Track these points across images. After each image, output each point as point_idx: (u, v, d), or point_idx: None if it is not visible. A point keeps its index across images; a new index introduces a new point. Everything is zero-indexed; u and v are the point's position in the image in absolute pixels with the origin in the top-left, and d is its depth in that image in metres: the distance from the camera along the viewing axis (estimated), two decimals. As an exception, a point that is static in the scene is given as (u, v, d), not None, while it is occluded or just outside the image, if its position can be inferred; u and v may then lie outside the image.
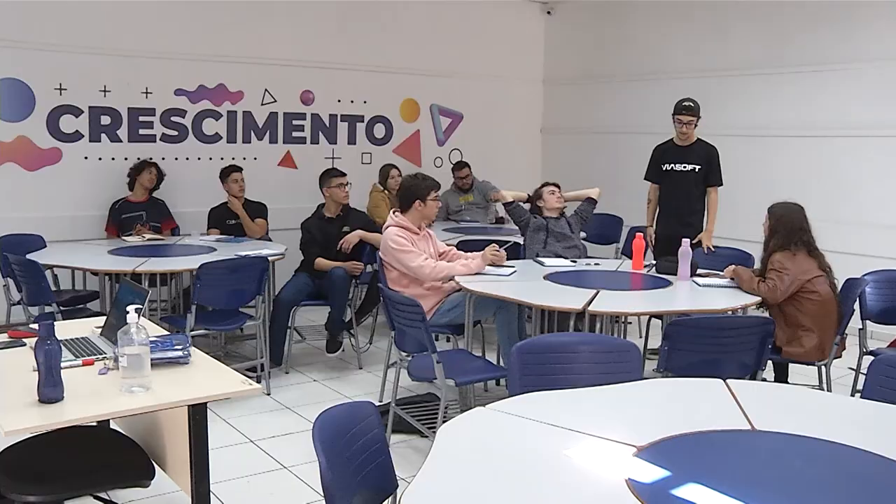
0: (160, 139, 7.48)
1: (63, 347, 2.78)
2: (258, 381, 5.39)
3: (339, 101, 8.47)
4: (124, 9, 7.09)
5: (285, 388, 5.61)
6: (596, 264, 5.61)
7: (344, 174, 6.31)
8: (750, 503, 2.00)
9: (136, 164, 6.97)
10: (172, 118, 7.53)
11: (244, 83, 7.87)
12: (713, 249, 5.99)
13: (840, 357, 4.83)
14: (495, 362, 5.14)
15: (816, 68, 7.39)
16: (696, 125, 6.14)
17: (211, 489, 2.84)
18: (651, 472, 2.18)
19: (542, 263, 5.47)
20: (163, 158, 7.37)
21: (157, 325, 3.92)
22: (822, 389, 4.67)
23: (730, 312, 4.48)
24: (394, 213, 5.30)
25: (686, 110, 6.08)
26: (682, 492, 2.08)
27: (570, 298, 4.39)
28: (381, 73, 8.63)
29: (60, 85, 6.91)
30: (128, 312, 2.67)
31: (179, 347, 3.00)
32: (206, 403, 2.73)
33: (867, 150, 7.14)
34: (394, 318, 4.40)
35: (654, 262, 5.47)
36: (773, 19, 7.72)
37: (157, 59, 7.33)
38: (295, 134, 8.26)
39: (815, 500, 2.11)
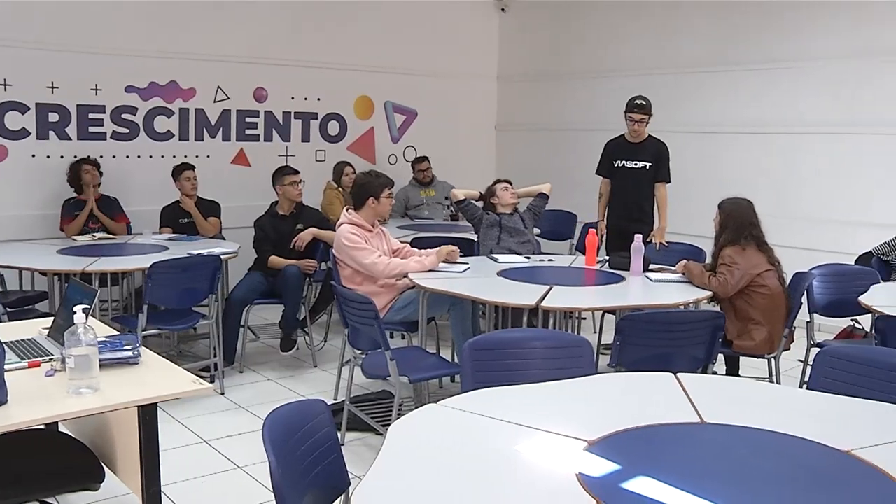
0: (111, 137, 7.36)
1: (8, 349, 2.73)
2: (212, 381, 5.42)
3: (292, 98, 8.42)
4: (72, 3, 6.98)
5: (239, 387, 5.57)
6: (549, 260, 5.65)
7: (297, 172, 6.28)
8: (698, 495, 2.02)
9: (71, 171, 6.79)
10: (123, 115, 7.42)
11: (196, 80, 7.79)
12: (667, 246, 6.06)
13: (789, 350, 4.92)
14: (450, 359, 5.15)
15: (766, 66, 7.51)
16: (647, 123, 6.21)
17: (163, 490, 2.81)
18: (601, 466, 2.19)
19: (495, 260, 5.50)
20: (113, 156, 7.29)
21: (108, 325, 3.87)
22: (772, 382, 4.75)
23: (682, 307, 4.52)
24: (347, 210, 5.29)
25: (638, 108, 6.16)
26: (631, 485, 2.11)
27: (524, 295, 4.41)
28: (335, 71, 8.60)
29: (5, 81, 6.77)
30: (75, 313, 2.63)
31: (129, 347, 2.96)
32: (156, 404, 2.70)
33: (813, 146, 7.29)
34: (347, 316, 4.39)
35: (606, 257, 5.52)
36: (724, 18, 7.83)
37: (106, 56, 7.21)
38: (248, 131, 8.19)
39: (763, 490, 2.13)
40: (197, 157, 7.66)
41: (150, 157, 7.58)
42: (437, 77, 9.38)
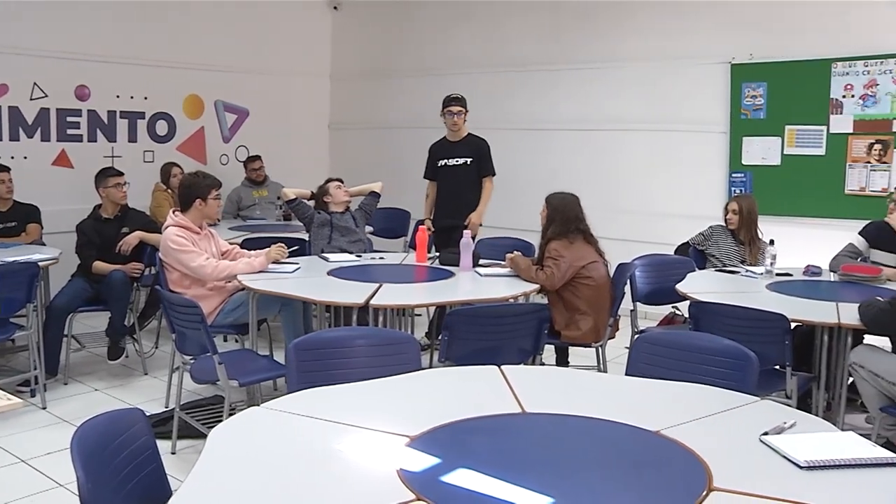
0: None
1: None
2: (32, 395, 5.16)
3: (117, 96, 8.11)
4: None
5: (63, 400, 5.32)
6: (380, 258, 5.69)
7: (121, 173, 6.05)
8: (515, 483, 2.08)
9: None
10: (-77, 112, 6.95)
11: (8, 76, 7.35)
12: (476, 224, 6.25)
13: (614, 338, 5.12)
14: (283, 361, 5.08)
15: (588, 65, 7.85)
16: (465, 118, 6.40)
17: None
18: (422, 461, 2.22)
19: (326, 259, 5.48)
20: (-86, 158, 6.82)
21: None
22: (600, 369, 4.94)
23: (511, 300, 4.63)
24: (174, 212, 5.15)
25: (455, 101, 6.36)
26: (450, 478, 2.15)
27: (353, 293, 4.41)
28: (163, 68, 8.34)
29: None
30: None
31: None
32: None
33: (634, 143, 7.67)
34: (173, 321, 4.28)
35: (437, 254, 5.60)
36: (549, 18, 8.10)
37: None
38: (70, 131, 7.82)
39: (576, 474, 2.22)
40: (12, 158, 7.21)
41: (-42, 158, 7.13)
42: (269, 75, 9.24)
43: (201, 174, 5.30)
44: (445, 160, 6.45)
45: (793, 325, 4.09)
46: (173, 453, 4.45)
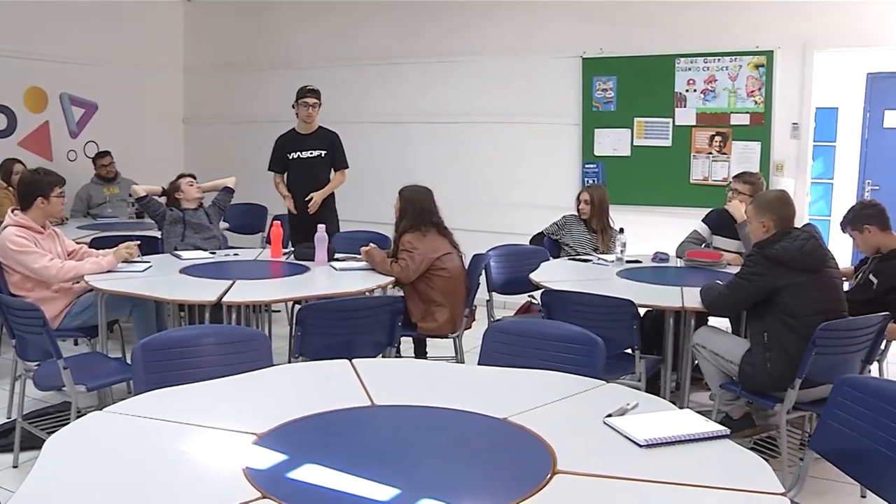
0: None
1: None
2: None
3: (-53, 87, 7.67)
4: None
5: None
6: (235, 254, 5.59)
7: (-48, 171, 5.75)
8: (362, 476, 2.08)
9: None
10: None
11: None
12: (317, 202, 6.28)
13: (470, 328, 5.18)
14: (133, 362, 4.94)
15: (442, 59, 7.93)
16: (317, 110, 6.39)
17: None
18: (268, 459, 2.20)
19: (179, 257, 5.35)
20: None
21: None
22: (458, 360, 4.99)
23: (367, 293, 4.63)
24: (12, 211, 4.91)
25: (311, 93, 6.34)
26: (297, 474, 2.13)
27: (206, 291, 4.33)
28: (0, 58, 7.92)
29: None
30: None
31: None
32: None
33: (487, 135, 7.82)
34: (12, 326, 4.07)
35: (292, 248, 5.56)
36: (404, 12, 8.13)
37: None
38: None
39: (424, 464, 2.25)
40: None
41: None
42: (119, 67, 8.89)
43: (42, 171, 5.07)
44: (297, 153, 6.39)
45: (644, 310, 4.23)
46: (15, 467, 4.23)
